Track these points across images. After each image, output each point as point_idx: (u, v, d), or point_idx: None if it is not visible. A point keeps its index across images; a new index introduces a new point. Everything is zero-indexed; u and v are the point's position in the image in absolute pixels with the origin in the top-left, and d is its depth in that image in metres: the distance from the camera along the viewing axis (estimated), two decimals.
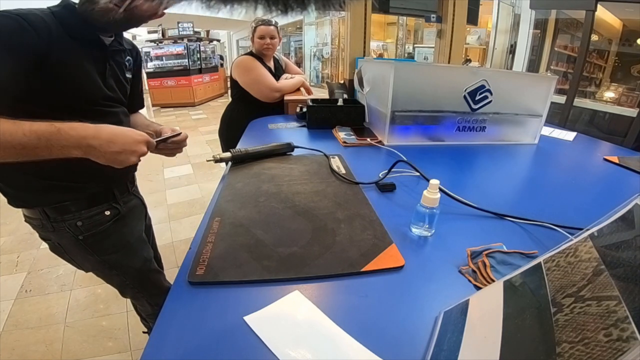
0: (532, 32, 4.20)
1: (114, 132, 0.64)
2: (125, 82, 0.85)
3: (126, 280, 0.94)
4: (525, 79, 1.28)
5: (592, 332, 0.24)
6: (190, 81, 7.53)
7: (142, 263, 0.95)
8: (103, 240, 0.85)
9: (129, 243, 0.91)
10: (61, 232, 0.80)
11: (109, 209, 0.86)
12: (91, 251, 0.84)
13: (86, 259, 0.86)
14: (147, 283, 0.98)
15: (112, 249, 0.88)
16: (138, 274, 0.95)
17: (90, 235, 0.82)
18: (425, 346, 0.38)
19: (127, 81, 0.86)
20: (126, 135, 0.65)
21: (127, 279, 0.93)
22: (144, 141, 0.68)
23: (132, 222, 0.95)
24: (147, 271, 0.97)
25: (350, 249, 0.54)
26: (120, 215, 0.88)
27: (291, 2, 0.22)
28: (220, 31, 12.07)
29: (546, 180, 0.96)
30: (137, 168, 0.96)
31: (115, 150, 0.63)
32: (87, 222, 0.81)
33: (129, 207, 0.93)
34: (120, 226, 0.89)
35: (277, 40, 1.70)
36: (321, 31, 8.01)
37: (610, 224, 0.32)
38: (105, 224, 0.85)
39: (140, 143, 0.67)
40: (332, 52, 7.57)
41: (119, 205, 0.88)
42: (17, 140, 0.55)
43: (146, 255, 0.97)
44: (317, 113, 1.32)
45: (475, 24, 2.30)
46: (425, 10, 1.97)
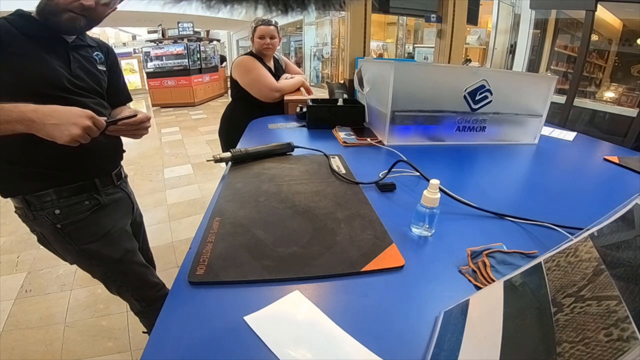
0: (532, 32, 4.20)
1: (54, 107, 0.68)
2: (99, 73, 0.89)
3: (107, 271, 0.94)
4: (525, 79, 1.28)
5: (593, 331, 0.24)
6: (190, 81, 7.53)
7: (122, 254, 0.95)
8: (81, 229, 0.87)
9: (108, 233, 0.92)
10: (41, 221, 0.83)
11: (89, 199, 0.88)
12: (69, 240, 0.86)
13: (66, 249, 0.89)
14: (130, 275, 0.99)
15: (91, 237, 0.89)
16: (118, 265, 0.95)
17: (69, 223, 0.85)
18: (425, 346, 0.38)
19: (102, 73, 0.90)
20: (66, 110, 0.68)
21: (108, 269, 0.94)
22: (86, 116, 0.69)
23: (115, 214, 0.96)
24: (128, 262, 0.97)
25: (350, 249, 0.54)
26: (100, 205, 0.90)
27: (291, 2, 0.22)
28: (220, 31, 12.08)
29: (546, 180, 0.96)
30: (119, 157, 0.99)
31: (54, 123, 0.66)
32: (66, 210, 0.84)
33: (112, 199, 0.95)
34: (100, 216, 0.90)
35: (277, 40, 1.70)
36: (321, 31, 8.01)
37: (610, 224, 0.32)
38: (83, 212, 0.87)
39: (82, 117, 0.68)
40: (332, 52, 7.58)
41: (100, 197, 0.90)
42: None
43: (128, 247, 0.97)
44: (317, 113, 1.32)
45: (475, 24, 2.30)
46: (425, 10, 1.97)
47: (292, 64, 1.98)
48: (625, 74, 3.50)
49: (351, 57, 1.74)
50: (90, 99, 0.84)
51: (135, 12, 7.77)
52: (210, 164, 3.44)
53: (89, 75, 0.85)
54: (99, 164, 0.91)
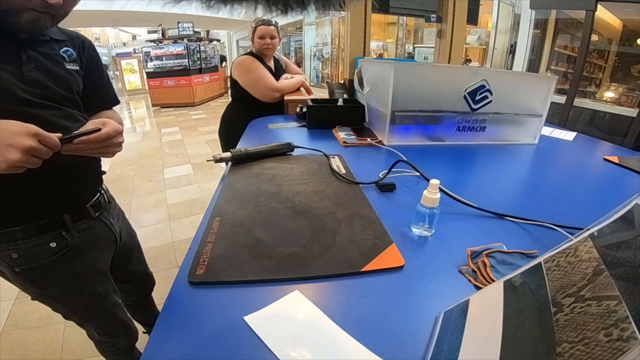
0: (532, 32, 4.20)
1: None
2: (68, 74, 0.70)
3: (71, 311, 0.84)
4: (525, 79, 1.28)
5: (593, 331, 0.24)
6: (190, 81, 7.54)
7: (92, 297, 0.83)
8: (45, 274, 0.73)
9: (79, 277, 0.78)
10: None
11: (56, 239, 0.71)
12: (30, 283, 0.73)
13: (26, 289, 0.75)
14: (97, 315, 0.88)
15: (56, 283, 0.76)
16: (86, 309, 0.84)
17: (29, 268, 0.70)
18: (425, 346, 0.38)
19: (72, 74, 0.71)
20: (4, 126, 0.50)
21: (73, 310, 0.84)
22: (28, 133, 0.51)
23: (91, 253, 0.80)
24: (98, 306, 0.86)
25: (350, 249, 0.54)
26: (70, 247, 0.74)
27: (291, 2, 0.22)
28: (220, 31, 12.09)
29: (546, 180, 0.96)
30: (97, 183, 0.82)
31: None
32: (25, 254, 0.68)
33: (87, 237, 0.78)
34: (70, 258, 0.75)
35: (277, 40, 1.70)
36: (321, 31, 8.02)
37: (610, 224, 0.32)
38: (49, 257, 0.71)
39: (21, 135, 0.50)
40: (332, 52, 7.58)
41: (70, 236, 0.73)
42: None
43: (100, 290, 0.84)
44: (317, 113, 1.32)
45: (475, 24, 2.30)
46: (425, 10, 1.97)
47: (292, 64, 1.98)
48: (625, 74, 3.50)
49: (351, 57, 1.74)
50: (54, 109, 0.65)
51: (135, 12, 7.78)
52: (210, 164, 3.44)
53: (51, 79, 0.66)
54: (67, 196, 0.72)
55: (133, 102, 8.58)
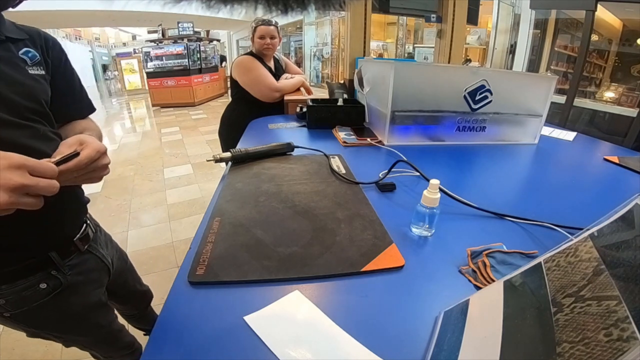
0: (532, 32, 4.20)
1: None
2: (33, 80, 0.58)
3: (70, 343, 0.80)
4: (525, 79, 1.28)
5: (593, 332, 0.24)
6: (190, 81, 7.54)
7: (96, 331, 0.79)
8: (40, 315, 0.66)
9: (78, 314, 0.72)
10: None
11: (46, 279, 0.64)
12: (24, 325, 0.67)
13: (21, 329, 0.69)
14: (100, 345, 0.85)
15: (55, 322, 0.70)
16: (91, 341, 0.81)
17: (20, 313, 0.63)
18: (425, 346, 0.38)
19: (37, 79, 0.59)
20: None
21: (76, 344, 0.80)
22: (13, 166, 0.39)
23: (87, 288, 0.73)
24: (102, 337, 0.82)
25: (350, 249, 0.54)
26: (63, 285, 0.67)
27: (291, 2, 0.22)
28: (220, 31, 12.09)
29: (546, 180, 0.96)
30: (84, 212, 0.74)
31: None
32: (13, 299, 0.61)
33: (80, 272, 0.71)
34: (65, 297, 0.68)
35: (277, 40, 1.70)
36: (321, 31, 8.02)
37: (610, 224, 0.32)
38: (41, 299, 0.64)
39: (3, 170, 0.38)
40: (332, 52, 7.58)
41: (62, 274, 0.66)
42: None
43: (102, 322, 0.79)
44: (317, 113, 1.32)
45: (475, 24, 2.30)
46: (425, 10, 1.97)
47: (292, 64, 1.98)
48: (625, 74, 3.50)
49: (351, 57, 1.74)
50: (21, 128, 0.53)
51: (135, 12, 7.78)
52: (210, 164, 3.44)
53: (12, 89, 0.53)
54: (51, 232, 0.64)
55: (133, 102, 8.59)
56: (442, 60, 1.98)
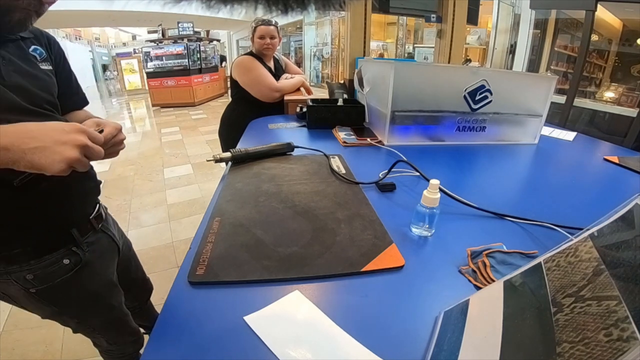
0: (532, 32, 4.20)
1: (29, 126, 0.47)
2: (45, 75, 0.65)
3: (84, 325, 0.83)
4: (525, 79, 1.28)
5: (593, 332, 0.24)
6: (190, 81, 7.54)
7: (109, 311, 0.83)
8: (63, 292, 0.71)
9: (95, 292, 0.78)
10: (6, 284, 0.65)
11: (68, 255, 0.70)
12: (47, 302, 0.71)
13: (40, 310, 0.73)
14: (109, 328, 0.88)
15: (75, 300, 0.75)
16: (103, 323, 0.85)
17: (45, 288, 0.68)
18: (425, 346, 0.38)
19: (48, 74, 0.66)
20: (48, 127, 0.47)
21: (90, 326, 0.84)
22: (76, 129, 0.49)
23: (101, 268, 0.80)
24: (114, 319, 0.86)
25: (350, 249, 0.54)
26: (83, 262, 0.73)
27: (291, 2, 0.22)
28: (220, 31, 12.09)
29: (546, 180, 0.96)
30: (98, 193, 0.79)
31: (36, 146, 0.45)
32: (40, 274, 0.66)
33: (95, 250, 0.77)
34: (84, 274, 0.74)
35: (277, 40, 1.70)
36: (321, 31, 8.02)
37: (610, 224, 0.32)
38: (64, 275, 0.70)
39: (72, 132, 0.48)
40: (332, 52, 7.59)
41: (81, 250, 0.72)
42: None
43: (114, 302, 0.84)
44: (317, 113, 1.32)
45: (475, 24, 2.30)
46: (425, 10, 1.97)
47: (292, 64, 1.98)
48: (625, 74, 3.50)
49: (351, 57, 1.74)
50: (41, 116, 0.60)
51: (135, 12, 7.79)
52: (210, 164, 3.44)
53: (31, 81, 0.60)
54: (72, 210, 0.71)
55: (133, 102, 8.59)
56: (442, 60, 1.98)
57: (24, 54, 0.63)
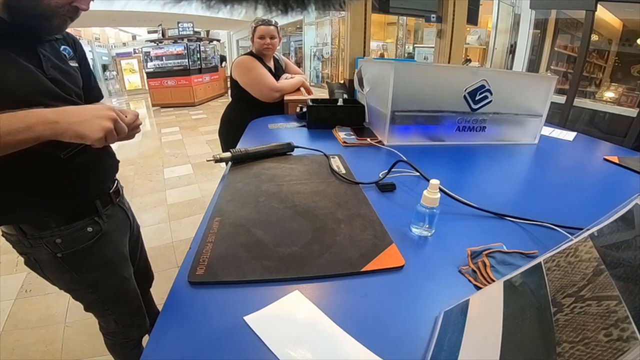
0: (532, 32, 4.20)
1: (71, 107, 0.61)
2: (73, 71, 0.77)
3: (99, 298, 0.88)
4: (525, 79, 1.28)
5: (593, 332, 0.24)
6: (190, 81, 7.54)
7: (120, 282, 0.90)
8: (83, 259, 0.80)
9: (111, 261, 0.86)
10: (38, 249, 0.75)
11: (91, 224, 0.80)
12: (69, 269, 0.79)
13: (62, 277, 0.81)
14: (120, 302, 0.93)
15: (93, 267, 0.82)
16: (114, 294, 0.90)
17: (71, 253, 0.77)
18: (425, 346, 0.38)
19: (75, 70, 0.78)
20: (85, 106, 0.62)
21: (101, 297, 0.88)
22: (108, 108, 0.62)
23: (116, 239, 0.89)
24: (124, 290, 0.92)
25: (350, 249, 0.54)
26: (102, 232, 0.82)
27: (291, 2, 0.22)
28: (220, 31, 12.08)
29: (546, 180, 0.96)
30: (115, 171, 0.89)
31: (79, 120, 0.58)
32: (67, 239, 0.76)
33: (112, 222, 0.87)
34: (103, 244, 0.83)
35: (277, 40, 1.70)
36: (321, 31, 8.01)
37: (610, 224, 0.32)
38: (87, 241, 0.79)
39: (105, 110, 0.61)
40: (332, 52, 7.58)
41: (102, 220, 0.82)
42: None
43: (126, 275, 0.92)
44: (317, 113, 1.32)
45: (475, 24, 2.30)
46: (425, 10, 1.97)
47: (292, 64, 1.98)
48: (625, 74, 3.50)
49: (351, 57, 1.74)
50: (73, 103, 0.72)
51: (135, 12, 7.78)
52: (210, 164, 3.44)
53: (64, 76, 0.72)
54: (96, 183, 0.82)
55: (133, 102, 8.59)
56: (442, 60, 1.98)
57: (57, 52, 0.74)
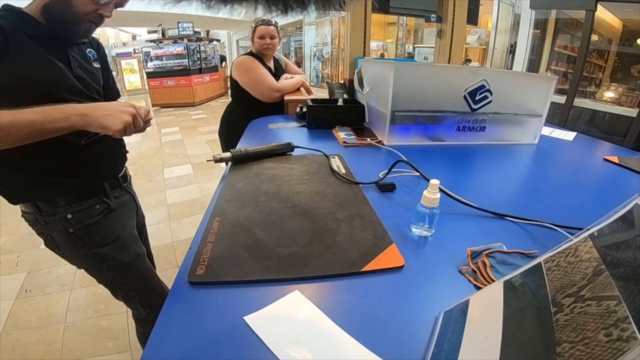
0: (532, 32, 4.20)
1: (99, 103, 0.74)
2: (96, 72, 0.87)
3: (117, 275, 0.94)
4: (525, 79, 1.28)
5: (593, 332, 0.24)
6: (190, 81, 7.53)
7: (133, 257, 0.95)
8: (93, 233, 0.87)
9: (119, 237, 0.93)
10: (52, 226, 0.83)
11: (99, 203, 0.88)
12: (81, 244, 0.86)
13: (76, 253, 0.88)
14: (138, 279, 0.98)
15: (102, 241, 0.89)
16: (129, 269, 0.95)
17: (81, 227, 0.85)
18: (425, 346, 0.38)
19: (98, 71, 0.88)
20: (110, 102, 0.75)
21: (118, 273, 0.94)
22: (130, 105, 0.74)
23: (123, 218, 0.97)
24: (138, 266, 0.98)
25: (350, 249, 0.54)
26: (110, 209, 0.90)
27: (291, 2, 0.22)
28: (220, 31, 12.08)
29: (546, 180, 0.96)
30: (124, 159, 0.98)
31: (105, 113, 0.69)
32: (78, 215, 0.84)
33: (119, 203, 0.95)
34: (110, 220, 0.91)
35: (277, 40, 1.70)
36: (321, 31, 8.02)
37: (610, 224, 0.32)
38: (95, 217, 0.87)
39: (127, 106, 0.73)
40: (332, 52, 7.58)
41: (109, 200, 0.91)
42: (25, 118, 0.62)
43: (139, 251, 0.98)
44: (317, 113, 1.32)
45: (475, 24, 2.30)
46: (425, 10, 1.97)
47: (292, 64, 1.98)
48: (625, 74, 3.50)
49: (351, 57, 1.74)
50: (95, 100, 0.82)
51: (135, 12, 7.77)
52: (210, 164, 3.44)
53: (89, 75, 0.82)
54: (107, 168, 0.91)
55: (133, 102, 8.58)
56: (442, 60, 1.98)
57: (83, 54, 0.84)
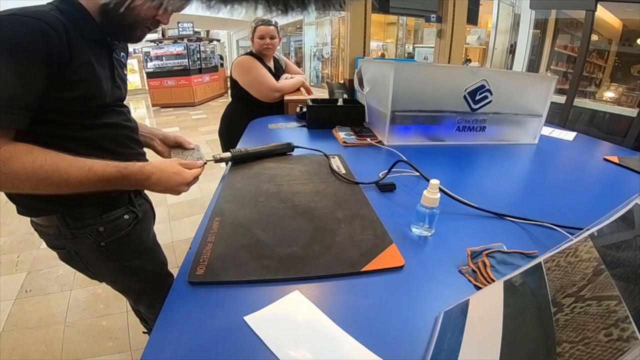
0: (532, 32, 4.20)
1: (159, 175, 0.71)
2: (126, 77, 0.83)
3: (145, 286, 0.92)
4: (525, 79, 1.28)
5: (593, 331, 0.24)
6: (190, 81, 7.53)
7: (161, 267, 0.95)
8: (125, 246, 0.83)
9: (148, 247, 0.91)
10: (81, 239, 0.76)
11: (127, 212, 0.83)
12: (113, 258, 0.82)
13: (105, 267, 0.83)
14: (164, 287, 0.96)
15: (134, 253, 0.86)
16: (157, 279, 0.94)
17: (113, 240, 0.80)
18: (425, 346, 0.38)
19: (127, 76, 0.84)
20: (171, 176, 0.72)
21: (147, 284, 0.92)
22: (193, 176, 0.75)
23: (148, 226, 0.94)
24: (165, 275, 0.98)
25: (350, 249, 0.54)
26: (137, 219, 0.86)
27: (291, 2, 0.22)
28: (220, 31, 12.07)
29: (546, 180, 0.96)
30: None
31: (165, 188, 0.72)
32: (109, 227, 0.79)
33: (143, 211, 0.91)
34: (138, 230, 0.87)
35: (277, 40, 1.70)
36: (321, 31, 8.01)
37: (610, 224, 0.32)
38: (125, 228, 0.82)
39: (185, 181, 0.73)
40: (332, 52, 7.58)
41: (136, 209, 0.86)
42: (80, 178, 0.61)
43: (163, 259, 0.97)
44: (317, 113, 1.32)
45: (475, 24, 2.30)
46: (425, 10, 1.97)
47: (292, 64, 1.98)
48: (625, 74, 3.50)
49: (351, 57, 1.74)
50: (124, 107, 0.79)
51: None
52: (210, 164, 3.43)
53: (122, 83, 0.78)
54: None
55: (133, 102, 8.57)
56: (442, 60, 1.98)
57: (120, 59, 0.80)
